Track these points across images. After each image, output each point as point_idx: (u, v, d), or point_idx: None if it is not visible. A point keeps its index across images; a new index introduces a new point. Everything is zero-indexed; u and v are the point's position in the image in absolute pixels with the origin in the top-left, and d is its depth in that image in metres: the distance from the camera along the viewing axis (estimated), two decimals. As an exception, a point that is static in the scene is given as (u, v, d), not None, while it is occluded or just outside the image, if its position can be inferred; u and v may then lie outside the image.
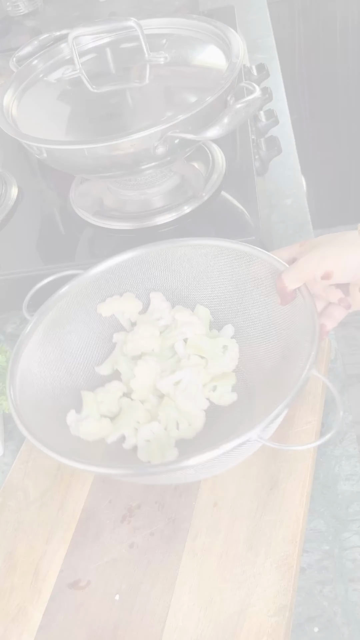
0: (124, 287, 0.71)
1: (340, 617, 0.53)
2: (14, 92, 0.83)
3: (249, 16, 1.41)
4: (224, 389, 0.65)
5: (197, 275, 0.70)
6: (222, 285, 0.70)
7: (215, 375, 0.66)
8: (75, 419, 0.63)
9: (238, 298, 0.69)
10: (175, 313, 0.69)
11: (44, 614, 0.56)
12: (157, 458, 0.60)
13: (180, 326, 0.67)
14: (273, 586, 0.53)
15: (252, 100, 0.68)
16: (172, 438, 0.62)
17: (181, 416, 0.62)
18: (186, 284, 0.71)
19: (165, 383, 0.64)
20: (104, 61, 0.86)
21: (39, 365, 0.64)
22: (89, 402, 0.64)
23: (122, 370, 0.67)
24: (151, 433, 0.62)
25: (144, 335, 0.67)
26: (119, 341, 0.70)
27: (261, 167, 0.89)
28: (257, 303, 0.67)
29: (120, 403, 0.65)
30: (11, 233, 0.87)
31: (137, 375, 0.64)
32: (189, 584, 0.55)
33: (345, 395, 0.68)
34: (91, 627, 0.54)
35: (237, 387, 0.66)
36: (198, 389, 0.64)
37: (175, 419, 0.63)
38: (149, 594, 0.55)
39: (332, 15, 1.73)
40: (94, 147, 0.69)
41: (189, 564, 0.56)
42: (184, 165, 0.80)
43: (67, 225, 0.86)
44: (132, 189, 0.84)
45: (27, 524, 0.62)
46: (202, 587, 0.54)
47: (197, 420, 0.62)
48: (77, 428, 0.62)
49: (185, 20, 0.86)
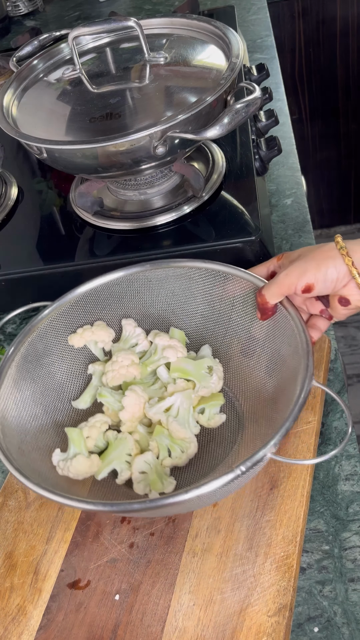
0: (93, 315, 0.70)
1: (340, 617, 0.53)
2: (14, 92, 0.83)
3: (249, 16, 1.41)
4: (212, 411, 0.63)
5: (169, 297, 0.69)
6: (196, 306, 0.68)
7: (204, 397, 0.64)
8: (61, 457, 0.60)
9: (214, 318, 0.68)
10: (153, 337, 0.67)
11: (44, 614, 0.56)
12: (157, 489, 0.58)
13: (161, 351, 0.66)
14: (273, 586, 0.53)
15: (252, 100, 0.68)
16: (166, 467, 0.60)
17: (173, 443, 0.60)
18: (158, 308, 0.70)
19: (156, 411, 0.62)
20: (104, 61, 0.86)
21: (15, 405, 0.62)
22: (75, 439, 0.60)
23: (106, 402, 0.64)
24: (146, 464, 0.59)
25: (124, 363, 0.64)
26: (96, 372, 0.68)
27: (261, 167, 0.89)
28: (235, 321, 0.66)
29: (107, 437, 0.63)
30: (11, 233, 0.87)
31: (126, 406, 0.62)
32: (189, 584, 0.55)
33: (345, 395, 0.68)
34: (91, 627, 0.54)
35: (224, 407, 0.65)
36: (190, 414, 0.62)
37: (167, 446, 0.60)
38: (149, 594, 0.55)
39: (332, 15, 1.73)
40: (94, 147, 0.69)
41: (189, 564, 0.56)
42: (184, 165, 0.80)
43: (67, 225, 0.86)
44: (132, 189, 0.84)
45: (27, 524, 0.62)
46: (202, 587, 0.54)
47: (191, 446, 0.61)
48: (66, 468, 0.59)
49: (185, 20, 0.86)
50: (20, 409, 0.62)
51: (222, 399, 0.64)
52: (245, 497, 0.59)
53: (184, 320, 0.70)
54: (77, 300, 0.68)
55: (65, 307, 0.67)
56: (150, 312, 0.71)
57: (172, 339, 0.67)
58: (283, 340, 0.60)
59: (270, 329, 0.63)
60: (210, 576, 0.54)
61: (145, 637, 0.52)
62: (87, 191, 0.82)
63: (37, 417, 0.63)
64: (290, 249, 0.84)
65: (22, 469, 0.54)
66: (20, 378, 0.63)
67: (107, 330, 0.69)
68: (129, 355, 0.65)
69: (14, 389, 0.62)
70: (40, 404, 0.64)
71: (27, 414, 0.63)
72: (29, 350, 0.65)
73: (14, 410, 0.61)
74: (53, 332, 0.67)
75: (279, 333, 0.61)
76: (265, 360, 0.63)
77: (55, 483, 0.58)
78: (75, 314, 0.69)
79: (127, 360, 0.65)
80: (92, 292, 0.68)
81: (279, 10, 1.69)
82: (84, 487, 0.60)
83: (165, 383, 0.65)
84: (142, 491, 0.59)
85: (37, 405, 0.64)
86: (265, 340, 0.63)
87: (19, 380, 0.63)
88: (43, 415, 0.64)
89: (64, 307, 0.67)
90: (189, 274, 0.67)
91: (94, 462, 0.60)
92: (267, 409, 0.59)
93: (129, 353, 0.66)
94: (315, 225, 2.30)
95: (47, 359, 0.67)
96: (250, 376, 0.64)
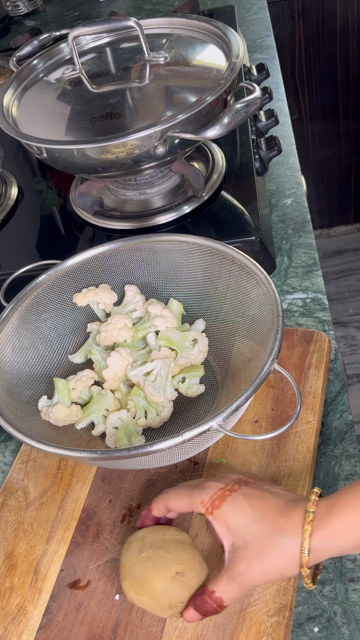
0: (99, 278, 0.73)
1: (340, 617, 0.53)
2: (14, 92, 0.83)
3: (249, 16, 1.41)
4: (192, 381, 0.66)
5: (172, 270, 0.72)
6: (195, 281, 0.71)
7: (185, 367, 0.67)
8: (46, 404, 0.65)
9: (210, 294, 0.70)
10: (148, 305, 0.70)
11: (44, 614, 0.56)
12: (123, 444, 0.62)
13: (152, 319, 0.69)
14: (273, 586, 0.53)
15: (252, 100, 0.68)
16: (140, 426, 0.64)
17: (149, 405, 0.64)
18: (161, 278, 0.73)
19: (136, 373, 0.65)
20: (104, 61, 0.86)
21: (13, 351, 0.66)
22: (60, 388, 0.65)
23: (95, 360, 0.68)
24: (119, 420, 0.63)
25: (117, 326, 0.68)
26: (93, 330, 0.71)
27: (261, 167, 0.89)
28: (227, 301, 0.68)
29: (91, 391, 0.67)
30: (11, 233, 0.87)
31: (110, 365, 0.65)
32: (189, 583, 0.55)
33: (345, 395, 0.68)
34: (91, 627, 0.54)
35: (205, 379, 0.68)
36: (167, 380, 0.65)
37: (143, 407, 0.64)
38: (149, 593, 0.55)
39: (332, 15, 1.73)
40: (94, 147, 0.69)
41: (189, 564, 0.56)
42: (184, 165, 0.80)
43: (67, 225, 0.86)
44: (132, 188, 0.84)
45: (27, 524, 0.62)
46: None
47: (165, 410, 0.64)
48: (47, 413, 0.64)
49: (185, 20, 0.86)
50: (18, 355, 0.66)
51: (201, 371, 0.67)
52: (245, 497, 0.59)
53: (183, 293, 0.72)
54: (83, 262, 0.71)
55: (72, 267, 0.71)
56: (154, 282, 0.73)
57: (165, 309, 0.69)
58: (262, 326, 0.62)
59: (256, 314, 0.64)
60: (211, 576, 0.54)
61: (145, 637, 0.52)
62: (87, 191, 0.83)
63: (32, 366, 0.67)
64: (290, 249, 0.84)
65: (2, 409, 0.59)
66: (22, 327, 0.67)
67: (110, 293, 0.72)
68: (123, 319, 0.69)
69: (14, 336, 0.66)
70: (37, 354, 0.68)
71: (23, 360, 0.67)
72: (33, 303, 0.68)
73: (11, 356, 0.65)
74: (59, 289, 0.71)
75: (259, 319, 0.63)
76: (245, 343, 0.65)
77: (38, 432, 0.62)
78: (82, 276, 0.72)
79: (120, 323, 0.68)
80: (98, 257, 0.72)
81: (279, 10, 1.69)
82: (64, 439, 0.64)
83: (152, 349, 0.68)
84: (112, 444, 0.63)
85: (34, 354, 0.68)
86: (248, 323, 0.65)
87: (19, 329, 0.67)
88: (38, 365, 0.68)
89: (71, 268, 0.71)
90: (191, 249, 0.70)
91: (73, 412, 0.64)
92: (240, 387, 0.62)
93: (124, 317, 0.69)
94: (315, 225, 2.30)
95: (49, 313, 0.70)
96: (231, 354, 0.67)
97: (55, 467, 0.65)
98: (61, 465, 0.65)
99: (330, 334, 0.73)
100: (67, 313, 0.72)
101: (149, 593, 0.50)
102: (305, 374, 0.66)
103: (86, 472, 0.64)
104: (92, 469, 0.64)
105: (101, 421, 0.65)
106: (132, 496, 0.61)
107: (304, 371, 0.66)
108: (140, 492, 0.62)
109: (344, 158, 2.07)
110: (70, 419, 0.64)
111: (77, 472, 0.65)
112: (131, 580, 0.51)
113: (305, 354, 0.68)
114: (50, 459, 0.66)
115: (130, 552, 0.52)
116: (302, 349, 0.68)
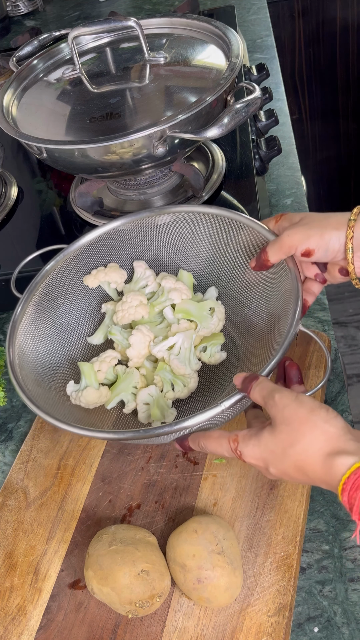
0: (107, 258, 0.73)
1: (340, 617, 0.53)
2: (14, 92, 0.83)
3: (249, 16, 1.41)
4: (213, 349, 0.67)
5: (178, 241, 0.72)
6: (203, 250, 0.71)
7: (205, 336, 0.68)
8: (75, 389, 0.65)
9: (219, 262, 0.70)
10: (160, 280, 0.70)
11: (43, 614, 0.56)
12: (157, 418, 0.63)
13: (167, 293, 0.69)
14: (273, 586, 0.53)
15: (252, 100, 0.68)
16: (169, 399, 0.64)
17: (176, 378, 0.65)
18: (168, 251, 0.73)
19: (159, 349, 0.66)
20: (103, 61, 0.86)
21: (33, 341, 0.66)
22: (86, 372, 0.66)
23: (115, 339, 0.69)
24: (149, 396, 0.64)
25: (133, 304, 0.68)
26: (108, 311, 0.72)
27: (261, 167, 0.89)
28: (238, 266, 0.69)
29: (116, 371, 0.68)
30: (11, 233, 0.87)
31: (133, 344, 0.66)
32: (189, 583, 0.55)
33: (346, 395, 0.68)
34: (91, 627, 0.54)
35: (226, 346, 0.68)
36: (191, 352, 0.66)
37: (170, 381, 0.65)
38: (149, 593, 0.55)
39: (332, 15, 1.73)
40: (94, 147, 0.69)
41: (189, 564, 0.56)
42: (184, 165, 0.80)
43: (67, 225, 0.86)
44: (132, 188, 0.84)
45: (27, 524, 0.62)
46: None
47: (192, 381, 0.65)
48: (78, 398, 0.64)
49: (185, 20, 0.86)
50: (38, 345, 0.67)
51: (222, 339, 0.68)
52: (245, 497, 0.59)
53: (192, 263, 0.72)
54: (89, 244, 0.71)
55: (78, 251, 0.71)
56: (161, 255, 0.73)
57: (178, 282, 0.70)
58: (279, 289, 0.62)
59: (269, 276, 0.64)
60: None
61: (145, 637, 0.52)
62: (87, 191, 0.83)
63: (54, 353, 0.68)
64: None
65: (36, 399, 0.58)
66: (38, 317, 0.68)
67: (119, 272, 0.72)
68: (138, 296, 0.69)
69: (31, 326, 0.67)
70: (57, 341, 0.69)
71: (45, 349, 0.67)
72: (46, 290, 0.69)
73: (32, 346, 0.66)
74: (69, 274, 0.71)
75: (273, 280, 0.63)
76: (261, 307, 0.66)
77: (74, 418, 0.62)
78: (89, 258, 0.72)
79: (135, 301, 0.69)
80: (103, 236, 0.72)
81: (279, 10, 1.69)
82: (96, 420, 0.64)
83: (170, 323, 0.69)
84: (145, 420, 0.64)
85: (54, 341, 0.69)
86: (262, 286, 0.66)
87: (36, 319, 0.67)
88: (60, 350, 0.69)
89: (78, 250, 0.71)
90: (196, 219, 0.70)
91: (102, 393, 0.65)
92: (262, 349, 0.62)
93: (138, 294, 0.69)
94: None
95: (63, 299, 0.71)
96: (249, 319, 0.68)
97: (55, 467, 0.65)
98: (61, 466, 0.65)
99: (330, 334, 0.73)
100: (80, 297, 0.72)
101: (111, 585, 0.51)
102: (305, 374, 0.66)
103: (86, 472, 0.64)
104: (92, 468, 0.64)
105: (131, 399, 0.65)
106: (132, 496, 0.61)
107: (304, 371, 0.66)
108: (140, 492, 0.62)
109: (344, 158, 2.07)
110: (101, 400, 0.65)
111: (77, 472, 0.65)
112: (96, 570, 0.52)
113: (305, 354, 0.68)
114: (50, 459, 0.66)
115: (100, 543, 0.54)
116: (302, 348, 0.68)
